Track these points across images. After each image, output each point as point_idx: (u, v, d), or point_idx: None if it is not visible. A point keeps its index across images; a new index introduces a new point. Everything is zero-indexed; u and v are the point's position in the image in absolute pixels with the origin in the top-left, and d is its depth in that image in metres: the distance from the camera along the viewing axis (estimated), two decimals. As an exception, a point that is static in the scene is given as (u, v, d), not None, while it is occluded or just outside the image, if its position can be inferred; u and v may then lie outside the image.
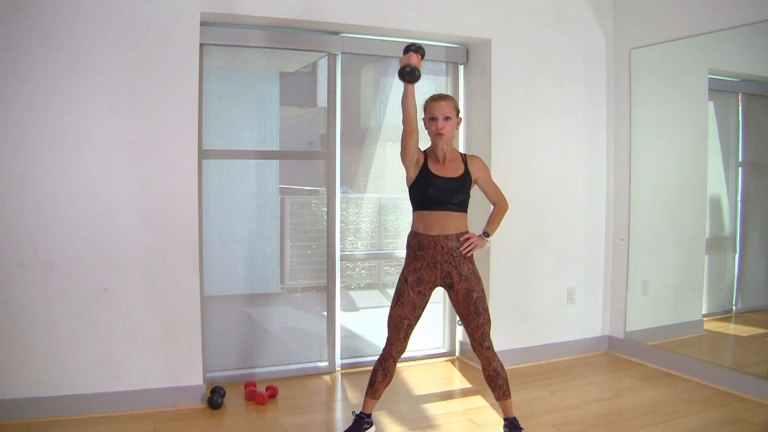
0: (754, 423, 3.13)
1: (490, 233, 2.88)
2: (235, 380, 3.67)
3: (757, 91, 4.22)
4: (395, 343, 2.80)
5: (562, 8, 4.16)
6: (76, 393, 3.11)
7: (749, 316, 4.36)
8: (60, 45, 3.02)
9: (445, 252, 2.73)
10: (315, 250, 4.00)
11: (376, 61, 4.17)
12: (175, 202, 3.26)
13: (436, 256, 2.74)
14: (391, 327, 2.81)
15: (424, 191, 2.74)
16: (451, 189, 2.74)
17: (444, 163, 2.78)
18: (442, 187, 2.73)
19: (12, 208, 3.00)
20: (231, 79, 3.76)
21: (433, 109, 2.75)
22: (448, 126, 2.73)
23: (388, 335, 2.83)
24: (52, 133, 3.04)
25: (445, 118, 2.73)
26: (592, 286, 4.40)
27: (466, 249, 2.75)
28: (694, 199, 4.26)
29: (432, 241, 2.73)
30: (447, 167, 2.78)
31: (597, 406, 3.39)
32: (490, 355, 2.79)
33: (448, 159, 2.79)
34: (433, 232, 2.73)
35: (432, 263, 2.75)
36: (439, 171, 2.76)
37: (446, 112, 2.73)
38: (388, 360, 2.83)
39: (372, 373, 2.87)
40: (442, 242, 2.73)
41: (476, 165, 2.86)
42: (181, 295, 3.28)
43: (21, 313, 3.03)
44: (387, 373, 2.84)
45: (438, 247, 2.73)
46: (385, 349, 2.84)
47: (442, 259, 2.74)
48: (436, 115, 2.73)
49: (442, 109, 2.73)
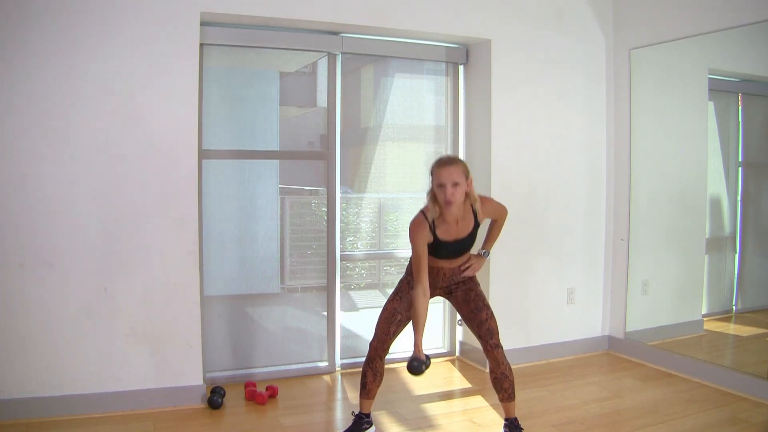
0: (754, 423, 3.13)
1: (489, 251, 2.96)
2: (235, 380, 3.67)
3: (757, 91, 4.22)
4: (382, 338, 2.82)
5: (562, 8, 4.16)
6: (76, 393, 3.11)
7: (749, 316, 4.36)
8: (60, 45, 3.02)
9: (447, 278, 2.84)
10: (315, 250, 4.00)
11: (376, 61, 4.17)
12: (175, 202, 3.26)
13: (438, 281, 2.85)
14: (382, 320, 2.83)
15: (436, 253, 2.74)
16: (462, 247, 2.78)
17: (456, 224, 2.72)
18: (453, 249, 2.76)
19: (12, 208, 3.00)
20: (231, 79, 3.76)
21: (440, 177, 2.61)
22: (457, 192, 2.61)
23: (375, 332, 2.84)
24: (52, 133, 3.04)
25: (454, 184, 2.60)
26: (592, 286, 4.40)
27: (468, 274, 2.85)
28: (694, 199, 4.26)
29: (435, 270, 2.81)
30: (459, 228, 2.73)
31: (597, 406, 3.39)
32: (499, 356, 2.78)
33: (459, 220, 2.72)
34: (439, 266, 2.81)
35: (433, 285, 2.81)
36: (450, 236, 2.72)
37: (454, 178, 2.60)
38: (375, 360, 2.84)
39: (362, 376, 2.88)
40: (444, 270, 2.83)
41: (486, 210, 2.81)
42: (181, 295, 3.28)
43: (21, 313, 3.03)
44: (377, 373, 2.85)
45: (441, 274, 2.83)
46: (370, 348, 2.85)
47: (443, 283, 2.86)
48: (444, 182, 2.60)
49: (451, 176, 2.60)
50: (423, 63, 4.15)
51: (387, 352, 2.86)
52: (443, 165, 2.63)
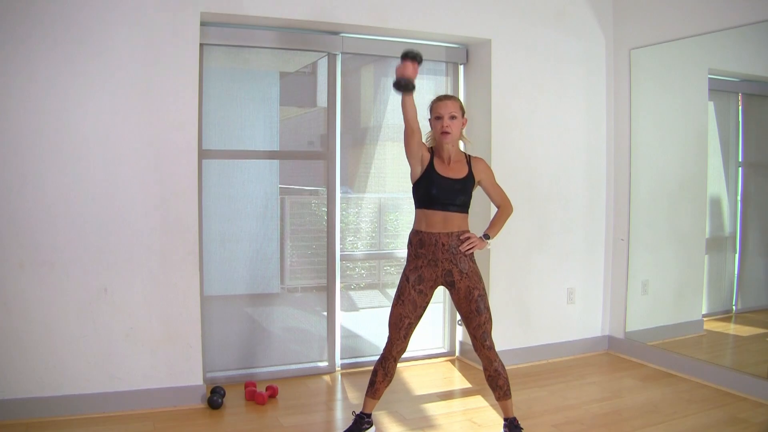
0: (754, 423, 3.13)
1: (491, 236, 2.89)
2: (235, 380, 3.67)
3: (757, 91, 4.21)
4: (396, 342, 2.81)
5: (562, 8, 4.16)
6: (76, 393, 3.11)
7: (749, 316, 4.36)
8: (60, 45, 3.02)
9: (446, 249, 2.76)
10: (315, 250, 4.00)
11: (376, 61, 4.17)
12: (175, 202, 3.26)
13: (437, 254, 2.76)
14: (391, 326, 2.82)
15: (428, 190, 2.76)
16: (454, 189, 2.77)
17: (449, 163, 2.80)
18: (445, 187, 2.76)
19: (12, 208, 3.00)
20: (231, 79, 3.76)
21: (439, 109, 2.78)
22: (453, 125, 2.75)
23: (389, 334, 2.84)
24: (53, 133, 3.04)
25: (451, 117, 2.76)
26: (592, 286, 4.40)
27: (466, 247, 2.77)
28: (694, 199, 4.26)
29: (433, 239, 2.76)
30: (451, 168, 2.80)
31: (597, 406, 3.39)
32: (491, 355, 2.79)
33: (453, 160, 2.81)
34: (435, 230, 2.76)
35: (433, 261, 2.77)
36: (443, 171, 2.78)
37: (451, 111, 2.76)
38: (389, 359, 2.83)
39: (372, 373, 2.87)
40: (442, 239, 2.76)
41: (480, 167, 2.88)
42: (181, 295, 3.28)
43: (21, 313, 3.03)
44: (387, 372, 2.84)
45: (439, 245, 2.76)
46: (385, 348, 2.84)
47: (442, 256, 2.76)
48: (442, 114, 2.77)
49: (448, 108, 2.77)
50: (424, 63, 4.12)
51: (402, 353, 2.85)
52: (442, 99, 2.82)
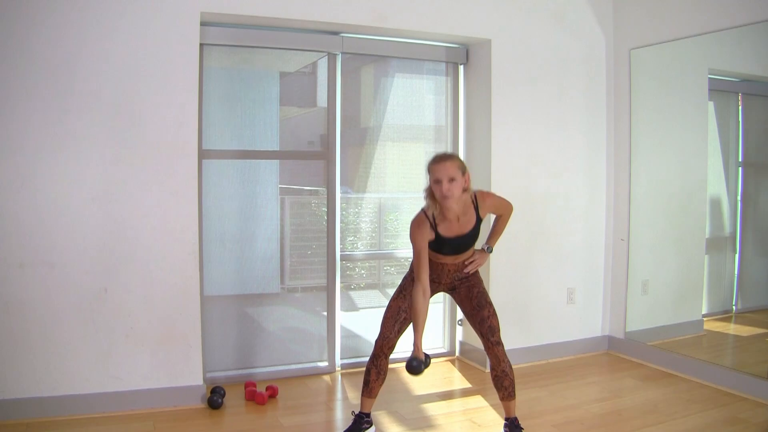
0: (754, 423, 3.13)
1: (492, 247, 2.95)
2: (235, 380, 3.67)
3: (757, 91, 4.21)
4: (388, 337, 2.82)
5: (562, 8, 4.16)
6: (76, 393, 3.11)
7: (749, 316, 4.36)
8: (59, 44, 3.02)
9: (451, 273, 2.84)
10: (315, 250, 4.00)
11: (376, 61, 4.17)
12: (175, 202, 3.26)
13: (442, 277, 2.85)
14: (387, 319, 2.84)
15: (439, 249, 2.75)
16: (465, 243, 2.77)
17: (457, 221, 2.71)
18: (456, 244, 2.75)
19: (12, 208, 3.00)
20: (231, 79, 3.76)
21: (436, 173, 2.61)
22: (453, 187, 2.59)
23: (380, 330, 2.85)
24: (52, 133, 3.04)
25: (450, 179, 2.59)
26: (592, 286, 4.40)
27: (471, 269, 2.85)
28: (694, 199, 4.26)
29: (440, 266, 2.82)
30: (461, 225, 2.72)
31: (597, 406, 3.39)
32: (499, 353, 2.79)
33: (460, 216, 2.71)
34: (445, 261, 2.81)
35: (437, 281, 2.84)
36: (451, 232, 2.71)
37: (450, 174, 2.59)
38: (380, 357, 2.84)
39: (365, 373, 2.88)
40: (449, 267, 2.82)
41: (486, 204, 2.81)
42: (181, 295, 3.28)
43: (21, 313, 3.03)
44: (380, 371, 2.85)
45: (446, 270, 2.83)
46: (376, 345, 2.86)
47: (446, 279, 2.85)
48: (440, 177, 2.60)
49: (447, 171, 2.59)
50: (423, 63, 4.15)
51: (392, 350, 2.86)
52: (439, 161, 2.63)
